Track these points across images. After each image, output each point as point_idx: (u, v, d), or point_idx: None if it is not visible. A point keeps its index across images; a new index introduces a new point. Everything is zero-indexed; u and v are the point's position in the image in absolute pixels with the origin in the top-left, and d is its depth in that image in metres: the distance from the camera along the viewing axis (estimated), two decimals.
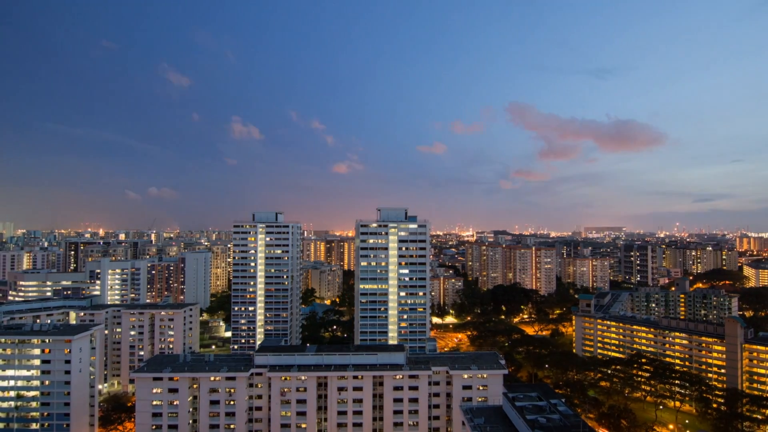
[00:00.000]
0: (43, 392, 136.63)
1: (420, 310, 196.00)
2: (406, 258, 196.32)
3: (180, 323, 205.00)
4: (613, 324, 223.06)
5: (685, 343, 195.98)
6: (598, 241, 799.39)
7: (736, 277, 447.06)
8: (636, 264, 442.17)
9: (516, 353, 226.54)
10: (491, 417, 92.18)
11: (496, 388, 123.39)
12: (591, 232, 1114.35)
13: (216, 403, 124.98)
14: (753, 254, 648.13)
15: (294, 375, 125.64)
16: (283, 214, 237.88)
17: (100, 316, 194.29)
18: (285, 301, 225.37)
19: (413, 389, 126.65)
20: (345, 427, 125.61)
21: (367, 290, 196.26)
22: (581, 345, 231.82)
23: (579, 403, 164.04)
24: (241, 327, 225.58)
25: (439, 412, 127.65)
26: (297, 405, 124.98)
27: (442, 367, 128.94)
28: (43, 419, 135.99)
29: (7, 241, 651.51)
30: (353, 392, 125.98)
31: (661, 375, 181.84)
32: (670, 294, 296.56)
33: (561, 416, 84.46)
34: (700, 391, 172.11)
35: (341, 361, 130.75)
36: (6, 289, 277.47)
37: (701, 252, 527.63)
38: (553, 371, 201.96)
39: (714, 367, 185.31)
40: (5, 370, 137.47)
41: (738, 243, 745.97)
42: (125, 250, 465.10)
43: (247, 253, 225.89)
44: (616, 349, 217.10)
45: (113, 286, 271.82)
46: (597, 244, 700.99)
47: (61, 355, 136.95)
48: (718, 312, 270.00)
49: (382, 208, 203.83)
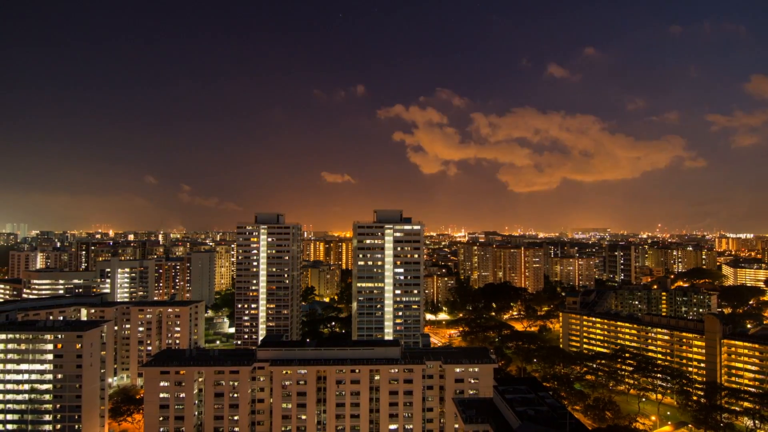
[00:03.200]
0: (55, 385, 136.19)
1: (414, 307, 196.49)
2: (401, 257, 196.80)
3: (186, 320, 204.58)
4: (598, 320, 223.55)
5: (666, 339, 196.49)
6: (583, 242, 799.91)
7: (715, 275, 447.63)
8: (620, 263, 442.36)
9: (506, 348, 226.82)
10: (482, 409, 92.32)
11: (487, 381, 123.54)
12: (577, 232, 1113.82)
13: (220, 395, 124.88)
14: (731, 254, 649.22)
15: (294, 369, 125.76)
16: (284, 216, 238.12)
17: (110, 312, 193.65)
18: (286, 299, 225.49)
19: (408, 382, 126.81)
20: (343, 418, 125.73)
21: (364, 288, 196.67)
22: (568, 340, 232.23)
23: (566, 395, 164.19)
24: (245, 323, 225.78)
25: (432, 404, 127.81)
26: (297, 397, 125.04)
27: (436, 361, 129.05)
28: (55, 411, 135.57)
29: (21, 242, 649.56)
30: (351, 385, 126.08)
31: (643, 369, 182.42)
32: (653, 292, 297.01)
33: (548, 408, 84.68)
34: (681, 384, 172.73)
35: (339, 355, 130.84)
36: (21, 288, 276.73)
37: (682, 252, 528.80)
38: (541, 365, 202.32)
39: (694, 362, 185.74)
40: (20, 364, 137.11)
41: (717, 243, 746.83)
42: (134, 250, 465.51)
43: (250, 253, 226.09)
44: (601, 344, 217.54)
45: (122, 284, 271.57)
46: (583, 244, 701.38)
47: (72, 350, 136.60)
48: (698, 309, 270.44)
49: (379, 210, 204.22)
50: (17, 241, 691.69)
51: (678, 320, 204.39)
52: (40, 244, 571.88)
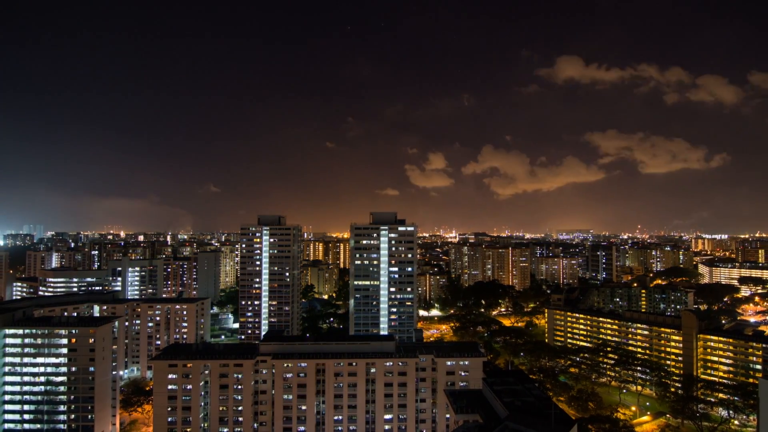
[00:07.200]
0: (69, 378, 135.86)
1: (408, 304, 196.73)
2: (395, 257, 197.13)
3: (193, 316, 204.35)
4: (581, 316, 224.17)
5: (646, 334, 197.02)
6: (568, 242, 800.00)
7: (692, 274, 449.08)
8: (602, 262, 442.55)
9: (494, 342, 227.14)
10: (472, 399, 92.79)
11: (477, 374, 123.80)
12: (562, 233, 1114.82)
13: (225, 387, 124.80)
14: (707, 254, 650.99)
15: (295, 362, 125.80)
16: (285, 217, 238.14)
17: (121, 309, 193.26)
18: (287, 296, 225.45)
19: (402, 375, 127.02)
20: (341, 409, 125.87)
21: (360, 286, 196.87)
22: (553, 335, 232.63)
23: (551, 387, 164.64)
24: (248, 319, 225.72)
25: (425, 395, 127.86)
26: (298, 389, 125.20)
27: (429, 355, 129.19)
28: (69, 402, 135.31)
29: (38, 242, 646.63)
30: (348, 377, 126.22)
31: (624, 362, 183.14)
32: (633, 290, 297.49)
33: (535, 399, 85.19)
34: (660, 376, 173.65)
35: (338, 349, 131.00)
36: (37, 286, 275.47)
37: (661, 252, 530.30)
38: (528, 359, 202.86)
39: (672, 355, 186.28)
40: (36, 357, 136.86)
41: (693, 244, 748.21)
42: (143, 250, 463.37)
43: (253, 253, 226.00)
44: (584, 339, 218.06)
45: (133, 282, 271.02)
46: (567, 244, 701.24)
47: (86, 345, 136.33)
48: (675, 306, 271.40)
49: (375, 213, 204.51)
50: (34, 241, 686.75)
51: (657, 316, 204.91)
52: (55, 244, 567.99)
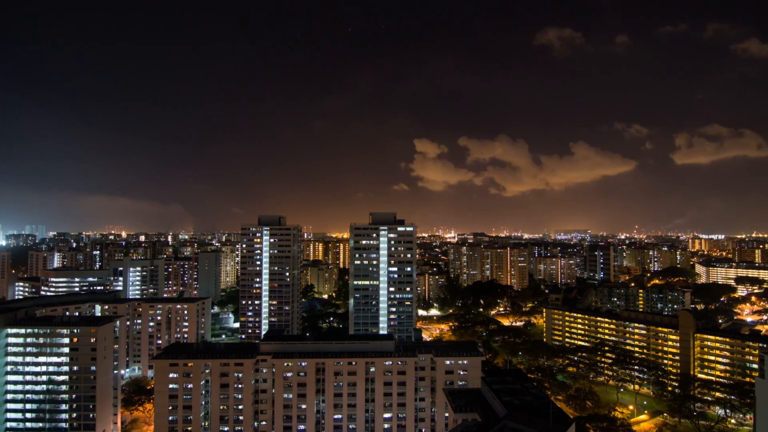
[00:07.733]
0: (71, 377, 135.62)
1: (407, 304, 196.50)
2: (394, 257, 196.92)
3: (193, 315, 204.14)
4: (579, 316, 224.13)
5: (643, 333, 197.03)
6: (566, 242, 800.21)
7: (689, 274, 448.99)
8: (600, 262, 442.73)
9: (493, 342, 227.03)
10: (471, 398, 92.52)
11: (475, 373, 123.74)
12: (560, 233, 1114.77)
13: (226, 386, 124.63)
14: (704, 254, 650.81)
15: (295, 361, 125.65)
16: (285, 218, 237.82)
17: (122, 309, 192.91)
18: (287, 296, 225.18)
19: (401, 374, 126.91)
20: (340, 407, 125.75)
21: (360, 286, 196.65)
22: (551, 335, 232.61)
23: (549, 386, 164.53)
24: (248, 318, 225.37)
25: (424, 394, 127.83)
26: (298, 388, 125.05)
27: (428, 354, 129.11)
28: (71, 401, 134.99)
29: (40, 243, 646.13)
30: (348, 377, 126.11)
31: (622, 361, 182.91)
32: (630, 289, 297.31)
33: (533, 398, 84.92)
34: (657, 375, 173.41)
35: (337, 349, 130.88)
36: (39, 285, 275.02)
37: (658, 252, 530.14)
38: (526, 358, 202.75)
39: (669, 355, 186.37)
40: (38, 357, 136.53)
41: (690, 244, 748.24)
42: (145, 250, 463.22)
43: (254, 253, 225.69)
44: (582, 338, 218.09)
45: (134, 282, 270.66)
46: (565, 244, 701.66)
47: (87, 344, 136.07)
48: (672, 305, 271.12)
49: (374, 213, 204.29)
50: (36, 241, 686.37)
51: (654, 316, 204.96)
52: (57, 244, 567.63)
